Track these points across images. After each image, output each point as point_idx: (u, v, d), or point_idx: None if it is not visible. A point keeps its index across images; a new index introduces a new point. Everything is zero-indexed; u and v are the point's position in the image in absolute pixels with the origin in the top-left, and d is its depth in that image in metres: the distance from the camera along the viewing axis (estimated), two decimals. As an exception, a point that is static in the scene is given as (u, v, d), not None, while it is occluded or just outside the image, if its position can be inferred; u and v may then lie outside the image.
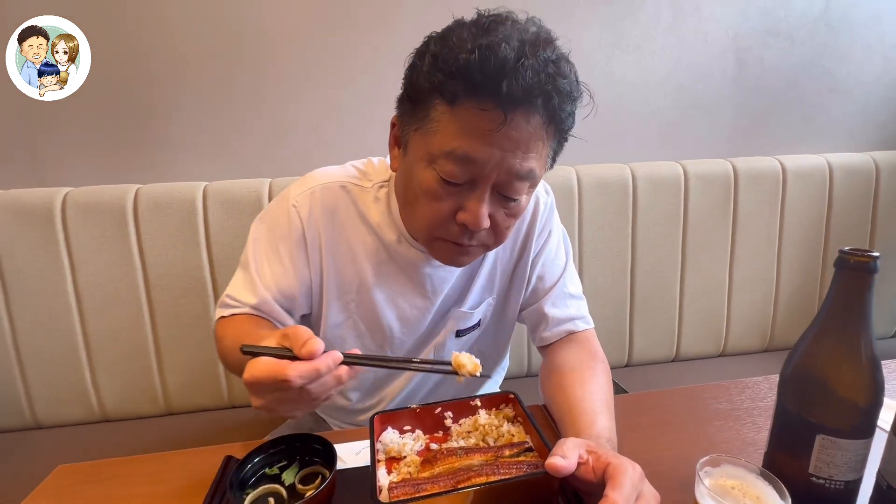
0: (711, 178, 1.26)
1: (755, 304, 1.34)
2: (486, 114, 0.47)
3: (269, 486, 0.46)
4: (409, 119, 0.53)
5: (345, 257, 0.65)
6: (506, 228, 0.56)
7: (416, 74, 0.51)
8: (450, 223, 0.53)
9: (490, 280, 0.71)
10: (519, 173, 0.50)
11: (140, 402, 1.13)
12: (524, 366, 1.25)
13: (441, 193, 0.52)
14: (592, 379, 0.59)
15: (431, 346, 0.72)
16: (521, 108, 0.47)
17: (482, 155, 0.48)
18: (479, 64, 0.45)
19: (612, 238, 1.23)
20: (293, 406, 0.43)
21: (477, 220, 0.51)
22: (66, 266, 1.05)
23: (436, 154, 0.50)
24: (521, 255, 0.71)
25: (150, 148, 1.15)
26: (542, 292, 0.71)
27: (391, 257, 0.65)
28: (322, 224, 0.63)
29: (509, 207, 0.54)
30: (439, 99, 0.49)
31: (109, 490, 0.52)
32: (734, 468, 0.41)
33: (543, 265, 0.71)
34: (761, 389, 0.68)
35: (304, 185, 0.65)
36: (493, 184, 0.51)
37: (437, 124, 0.50)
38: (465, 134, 0.48)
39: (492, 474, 0.42)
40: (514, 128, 0.47)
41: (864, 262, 0.40)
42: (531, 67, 0.45)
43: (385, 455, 0.49)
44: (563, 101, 0.48)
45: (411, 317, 0.68)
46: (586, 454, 0.42)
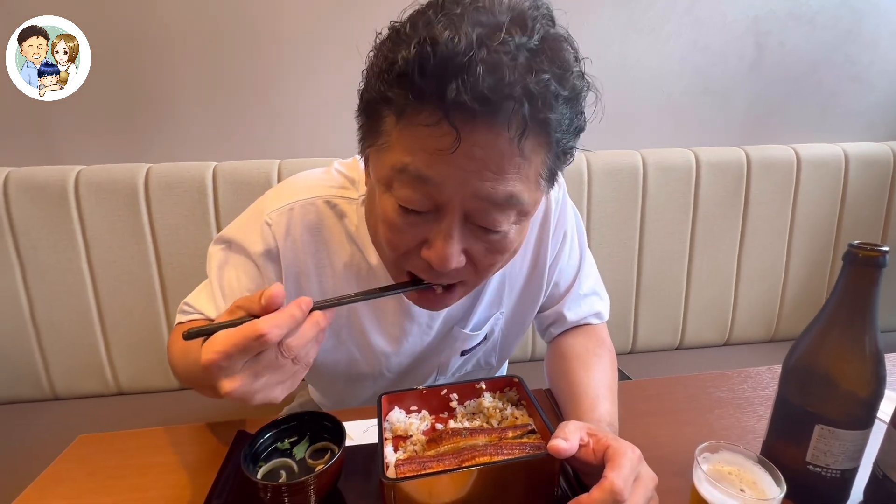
0: (723, 166, 1.24)
1: (762, 295, 1.34)
2: (432, 130, 0.36)
3: (280, 460, 0.47)
4: (366, 134, 0.44)
5: (328, 280, 0.57)
6: (489, 266, 0.44)
7: (365, 82, 0.42)
8: (414, 257, 0.44)
9: (498, 296, 0.63)
10: (493, 199, 0.38)
11: (153, 376, 1.16)
12: (528, 350, 1.27)
13: (401, 224, 0.41)
14: (598, 365, 0.60)
15: (434, 365, 0.67)
16: (480, 119, 0.35)
17: (438, 175, 0.38)
18: (417, 63, 0.34)
19: (620, 225, 1.23)
20: (274, 377, 0.36)
21: (441, 261, 0.40)
22: (80, 243, 1.06)
23: (390, 175, 0.40)
24: (536, 263, 0.62)
25: (160, 127, 1.15)
26: (558, 297, 0.66)
27: (378, 280, 0.56)
28: (300, 245, 0.55)
29: (491, 242, 0.42)
30: (386, 109, 0.39)
31: (127, 460, 0.55)
32: (732, 454, 0.42)
33: (560, 270, 0.65)
34: (763, 379, 0.68)
35: (280, 199, 0.55)
36: (463, 212, 0.40)
37: (388, 138, 0.40)
38: (415, 150, 0.38)
39: (495, 454, 0.43)
40: (476, 144, 0.36)
41: (874, 256, 0.40)
42: (488, 62, 0.33)
43: (392, 433, 0.51)
44: (549, 103, 0.36)
45: (407, 344, 0.62)
46: (587, 437, 0.43)
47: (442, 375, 0.70)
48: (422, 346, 0.64)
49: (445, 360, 0.67)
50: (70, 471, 0.53)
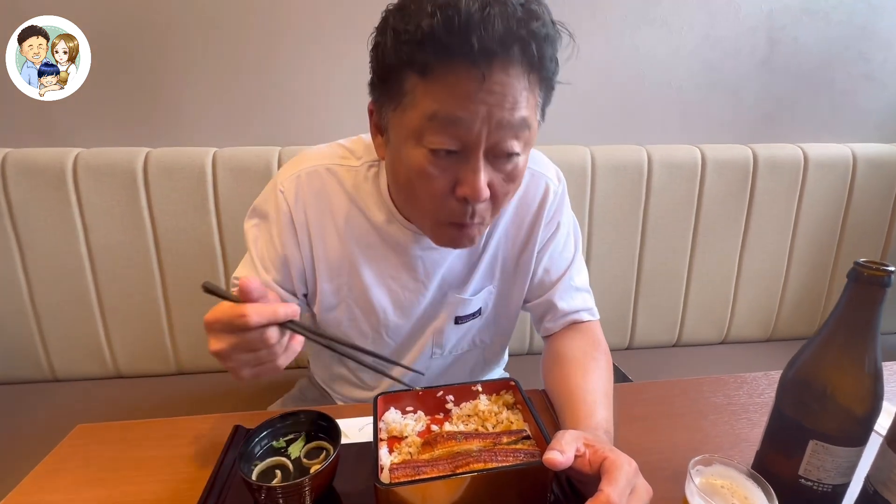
0: (729, 163, 1.22)
1: (761, 295, 1.33)
2: (462, 76, 0.44)
3: (276, 459, 0.48)
4: (385, 100, 0.50)
5: (332, 239, 0.64)
6: (504, 196, 0.52)
7: (381, 53, 0.48)
8: (449, 201, 0.50)
9: (491, 268, 0.69)
10: (511, 124, 0.47)
11: (151, 360, 1.17)
12: (525, 344, 1.27)
13: (433, 171, 0.48)
14: (594, 370, 0.60)
15: (430, 332, 0.71)
16: (497, 60, 0.44)
17: (468, 113, 0.45)
18: (443, 25, 0.42)
19: (622, 221, 1.22)
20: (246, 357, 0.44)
21: (477, 193, 0.48)
22: (78, 227, 1.06)
23: (419, 128, 0.47)
24: (526, 245, 0.68)
25: (160, 112, 1.14)
26: (549, 285, 0.70)
27: (380, 239, 0.63)
28: (309, 207, 0.62)
29: (506, 171, 0.50)
30: (410, 72, 0.46)
31: (125, 451, 0.55)
32: (725, 468, 0.43)
33: (550, 258, 0.69)
34: (759, 385, 0.68)
35: (290, 169, 0.64)
36: (485, 148, 0.47)
37: (413, 97, 0.47)
38: (445, 97, 0.45)
39: (489, 461, 0.43)
40: (495, 82, 0.44)
41: (879, 276, 0.39)
42: (499, 15, 0.42)
43: (387, 434, 0.51)
44: (542, 46, 0.45)
45: (404, 300, 0.67)
46: (583, 447, 0.43)
47: (438, 348, 0.72)
48: (418, 307, 0.68)
49: (441, 326, 0.70)
50: (66, 462, 0.53)
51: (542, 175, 0.68)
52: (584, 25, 1.18)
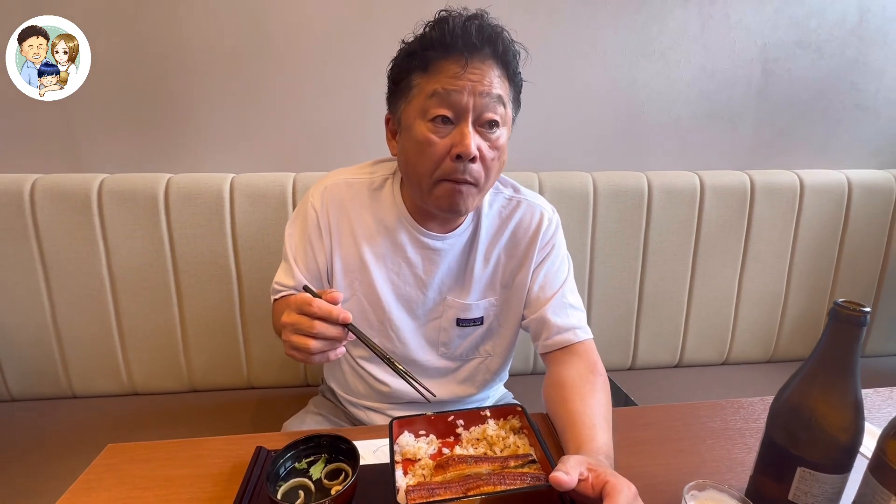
0: (728, 190, 1.27)
1: (761, 317, 1.36)
2: (451, 60, 0.62)
3: (298, 480, 0.51)
4: (398, 99, 0.67)
5: (349, 240, 0.76)
6: (492, 160, 0.66)
7: (395, 66, 0.68)
8: (446, 160, 0.64)
9: (492, 281, 0.79)
10: (490, 96, 0.63)
11: (166, 378, 1.20)
12: (529, 364, 1.30)
13: (434, 138, 0.63)
14: (592, 394, 0.64)
15: (436, 329, 0.79)
16: (476, 52, 0.62)
17: (457, 87, 0.62)
18: (437, 32, 0.62)
19: (623, 245, 1.26)
20: (297, 339, 0.54)
21: (467, 147, 0.62)
22: (101, 250, 1.11)
23: (424, 105, 0.63)
24: (523, 264, 0.78)
25: (181, 139, 1.19)
26: (543, 301, 0.76)
27: (388, 238, 0.75)
28: (331, 213, 0.76)
29: (490, 139, 0.65)
30: (415, 71, 0.64)
31: (154, 470, 0.58)
32: (718, 493, 0.46)
33: (545, 276, 0.77)
34: (755, 410, 0.71)
35: (319, 185, 0.78)
36: (474, 118, 0.63)
37: (418, 88, 0.64)
38: (440, 80, 0.62)
39: (498, 483, 0.47)
40: (475, 67, 0.62)
41: (856, 316, 0.43)
42: (476, 26, 0.62)
43: (401, 456, 0.54)
44: (507, 49, 0.64)
45: (408, 295, 0.77)
46: (587, 471, 0.46)
47: (445, 347, 0.80)
48: (420, 304, 0.78)
49: (445, 325, 0.79)
50: (101, 481, 0.57)
51: (539, 206, 0.80)
52: (586, 56, 1.24)
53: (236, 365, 1.22)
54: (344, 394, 0.89)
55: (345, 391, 0.89)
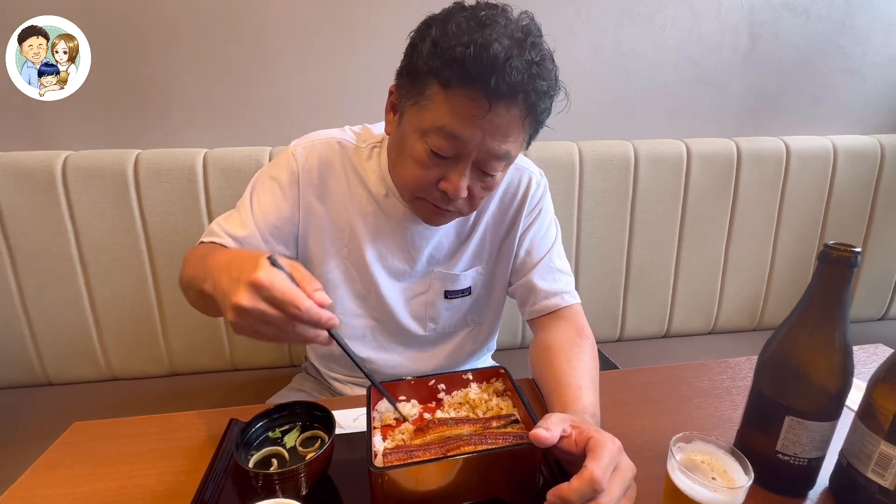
0: (714, 157, 1.25)
1: (747, 285, 1.36)
2: (474, 102, 0.53)
3: (271, 449, 0.49)
4: (407, 93, 0.59)
5: (338, 205, 0.71)
6: (479, 199, 0.63)
7: (416, 55, 0.56)
8: (432, 188, 0.60)
9: (479, 250, 0.76)
10: (497, 154, 0.57)
11: (146, 362, 1.17)
12: (517, 338, 1.29)
13: (428, 164, 0.58)
14: (579, 356, 0.62)
15: (423, 304, 0.77)
16: (503, 100, 0.53)
17: (467, 135, 0.55)
18: (472, 59, 0.51)
19: (610, 216, 1.24)
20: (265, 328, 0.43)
21: (456, 191, 0.58)
22: (69, 230, 1.06)
23: (427, 129, 0.56)
24: (511, 230, 0.75)
25: (149, 112, 1.14)
26: (530, 265, 0.75)
27: (379, 209, 0.71)
28: (317, 173, 0.70)
29: (485, 182, 0.61)
30: (435, 81, 0.55)
31: (121, 447, 0.56)
32: (705, 444, 0.44)
33: (532, 241, 0.75)
34: (742, 369, 0.70)
35: (304, 139, 0.72)
36: (473, 160, 0.58)
37: (431, 102, 0.56)
38: (454, 115, 0.54)
39: (479, 444, 0.45)
40: (496, 115, 0.54)
41: (846, 256, 0.41)
42: (516, 68, 0.51)
43: (381, 423, 0.52)
44: (541, 99, 0.55)
45: (395, 267, 0.74)
46: (570, 428, 0.45)
47: (433, 322, 0.78)
48: (408, 277, 0.75)
49: (432, 299, 0.76)
50: (64, 458, 0.54)
51: (527, 170, 0.76)
52: (570, 22, 1.20)
53: (218, 346, 1.19)
54: (327, 370, 0.87)
55: (327, 368, 0.87)
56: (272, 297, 0.41)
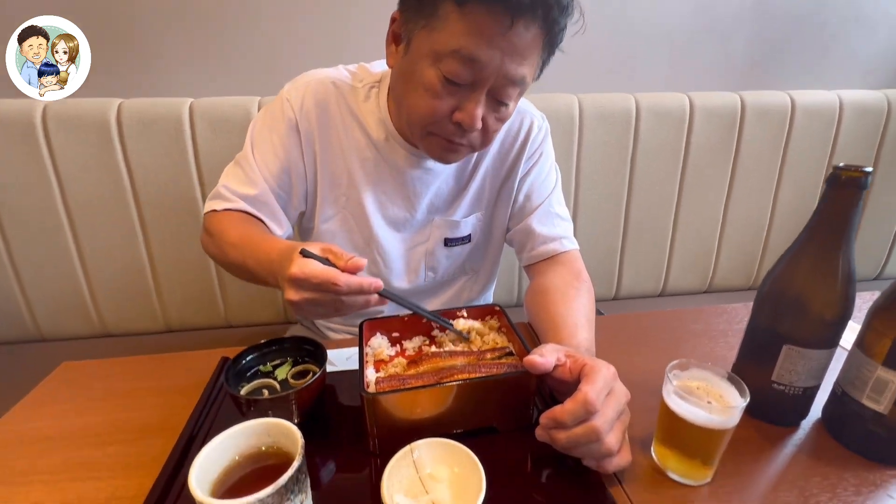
0: (718, 111, 1.21)
1: (745, 244, 1.35)
2: (494, 18, 0.49)
3: (263, 381, 0.48)
4: (414, 16, 0.54)
5: (335, 151, 0.67)
6: (493, 132, 0.60)
7: None
8: (445, 121, 0.56)
9: (479, 195, 0.74)
10: (514, 78, 0.53)
11: (140, 318, 1.16)
12: (514, 294, 1.29)
13: (441, 92, 0.54)
14: (576, 298, 0.61)
15: (422, 252, 0.74)
16: (524, 16, 0.49)
17: (485, 57, 0.51)
18: None
19: (610, 172, 1.21)
20: (322, 309, 0.47)
21: (472, 121, 0.54)
22: (53, 182, 1.03)
23: (441, 52, 0.52)
24: (510, 174, 0.73)
25: (131, 59, 1.09)
26: (529, 210, 0.73)
27: (378, 155, 0.68)
28: (314, 117, 0.65)
29: (499, 112, 0.58)
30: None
31: (112, 385, 0.55)
32: (701, 371, 0.44)
33: (531, 185, 0.73)
34: (738, 314, 0.70)
35: (296, 82, 0.67)
36: (489, 88, 0.54)
37: (444, 22, 0.51)
38: (471, 34, 0.50)
39: (473, 372, 0.44)
40: (516, 34, 0.50)
41: (856, 177, 0.39)
42: None
43: (374, 357, 0.51)
44: (561, 15, 0.52)
45: (395, 216, 0.71)
46: (564, 357, 0.44)
47: (432, 272, 0.76)
48: (408, 226, 0.72)
49: (432, 248, 0.74)
50: (54, 394, 0.53)
51: (528, 113, 0.74)
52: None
53: (212, 303, 1.18)
54: (322, 321, 0.86)
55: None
56: (313, 285, 0.44)
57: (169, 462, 0.42)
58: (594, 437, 0.39)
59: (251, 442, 0.35)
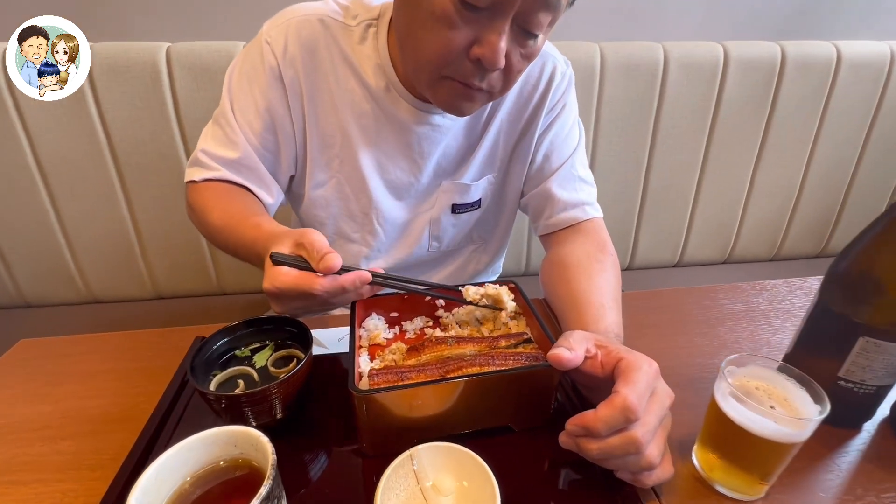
0: (754, 63, 1.09)
1: (771, 212, 1.26)
2: None
3: (238, 369, 0.42)
4: None
5: (326, 105, 0.57)
6: (517, 72, 0.49)
7: None
8: (461, 59, 0.46)
9: (491, 155, 0.64)
10: (547, 1, 0.43)
11: (127, 284, 1.10)
12: (522, 264, 1.21)
13: (457, 20, 0.44)
14: (600, 272, 0.53)
15: (426, 220, 0.66)
16: None
17: None
18: None
19: (631, 130, 1.11)
20: (314, 309, 0.43)
21: (495, 55, 0.44)
22: (20, 135, 0.93)
23: None
24: (528, 129, 0.63)
25: None
26: (549, 172, 0.64)
27: (377, 108, 0.58)
28: (300, 63, 0.55)
29: (526, 47, 0.47)
30: None
31: (72, 366, 0.49)
32: (761, 368, 0.37)
33: (552, 143, 0.64)
34: (780, 292, 0.62)
35: (276, 19, 0.56)
36: (515, 13, 0.43)
37: None
38: None
39: (486, 365, 0.37)
40: None
41: None
42: None
43: (368, 342, 0.44)
44: None
45: (398, 181, 0.62)
46: (594, 348, 0.37)
47: (436, 241, 0.68)
48: (412, 191, 0.63)
49: (437, 215, 0.65)
50: (7, 376, 0.47)
51: (551, 56, 0.63)
52: None
53: (202, 269, 1.11)
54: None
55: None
56: (290, 297, 0.40)
57: (127, 464, 0.36)
58: (633, 449, 0.32)
59: (213, 455, 0.29)
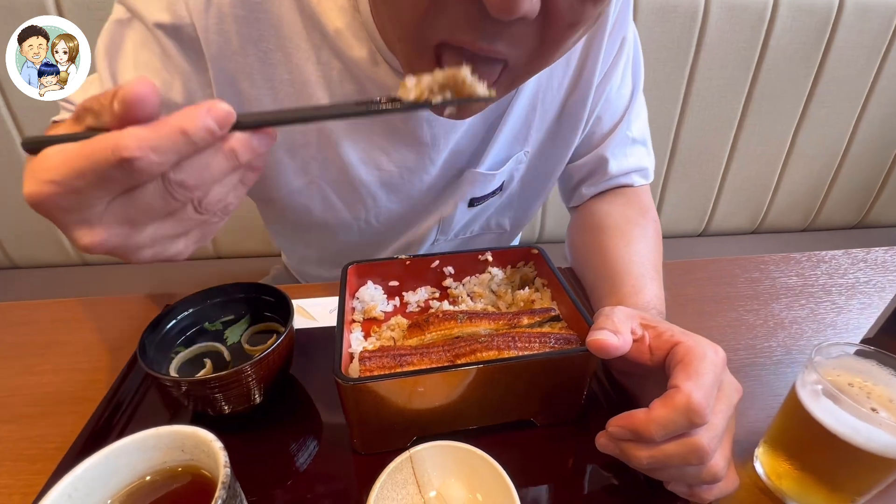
0: (808, 6, 0.96)
1: (809, 178, 1.16)
2: None
3: (206, 345, 0.35)
4: None
5: (286, 90, 0.40)
6: (569, 27, 0.29)
7: None
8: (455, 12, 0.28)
9: (525, 127, 0.47)
10: None
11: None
12: (535, 232, 1.13)
13: None
14: (641, 238, 0.45)
15: (434, 218, 0.52)
16: None
17: None
18: None
19: (662, 81, 0.99)
20: (166, 227, 0.23)
21: None
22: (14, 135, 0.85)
23: None
24: (580, 77, 0.46)
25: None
26: (600, 138, 0.50)
27: (363, 88, 0.40)
28: (232, 27, 0.37)
29: None
30: None
31: (29, 336, 0.43)
32: (857, 360, 0.29)
33: (606, 98, 0.48)
34: (841, 265, 0.54)
35: None
36: None
37: None
38: None
39: (505, 349, 0.30)
40: None
41: None
42: None
43: (363, 315, 0.37)
44: None
45: (399, 179, 0.47)
46: (640, 329, 0.29)
47: (444, 235, 0.55)
48: (419, 187, 0.48)
49: (450, 211, 0.50)
50: (-49, 348, 0.41)
51: None
52: None
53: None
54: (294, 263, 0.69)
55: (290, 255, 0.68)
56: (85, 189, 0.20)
57: (66, 460, 0.30)
58: (695, 458, 0.25)
59: (151, 463, 0.22)
